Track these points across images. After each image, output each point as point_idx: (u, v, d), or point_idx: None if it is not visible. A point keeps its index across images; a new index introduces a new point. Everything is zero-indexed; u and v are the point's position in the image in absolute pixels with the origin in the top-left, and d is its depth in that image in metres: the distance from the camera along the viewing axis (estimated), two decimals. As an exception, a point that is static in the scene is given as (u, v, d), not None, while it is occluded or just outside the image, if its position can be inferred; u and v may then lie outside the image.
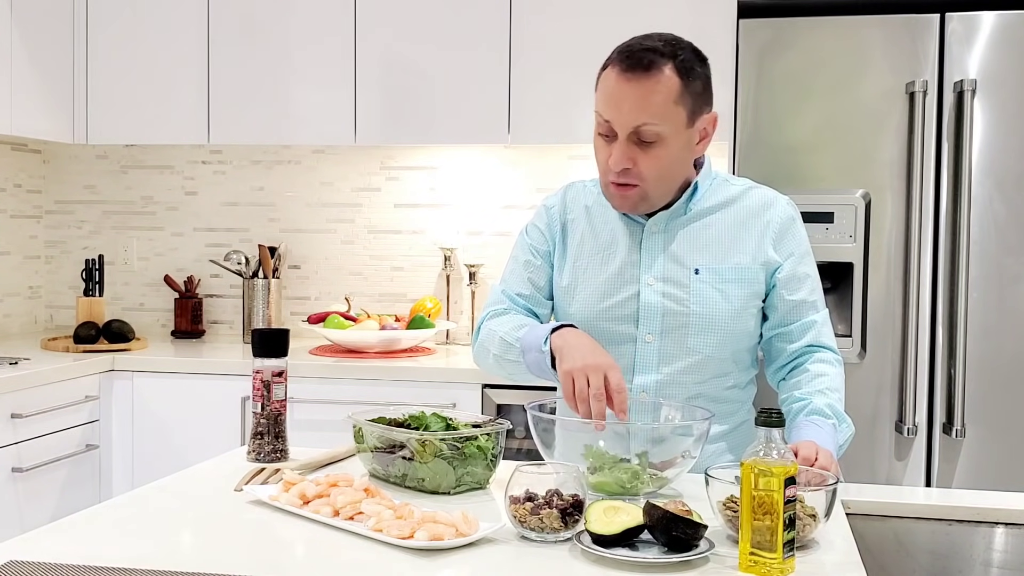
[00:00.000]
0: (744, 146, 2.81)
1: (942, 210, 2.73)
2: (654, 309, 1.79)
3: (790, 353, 1.84)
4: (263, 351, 1.80)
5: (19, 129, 3.24)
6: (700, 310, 1.78)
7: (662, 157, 1.73)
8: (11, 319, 3.72)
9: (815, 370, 1.80)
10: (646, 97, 1.69)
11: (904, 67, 2.73)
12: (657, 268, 1.80)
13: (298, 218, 3.75)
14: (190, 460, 1.91)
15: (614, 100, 1.71)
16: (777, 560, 1.24)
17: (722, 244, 1.81)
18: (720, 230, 1.82)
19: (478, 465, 1.62)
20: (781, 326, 1.84)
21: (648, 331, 1.80)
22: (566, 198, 1.93)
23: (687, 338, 1.79)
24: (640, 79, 1.69)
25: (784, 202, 1.87)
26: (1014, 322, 2.71)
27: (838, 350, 1.86)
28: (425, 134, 3.32)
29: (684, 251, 1.81)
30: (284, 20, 3.37)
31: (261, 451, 1.79)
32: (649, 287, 1.80)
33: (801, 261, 1.84)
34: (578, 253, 1.87)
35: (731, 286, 1.79)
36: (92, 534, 1.41)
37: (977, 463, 2.72)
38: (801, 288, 1.83)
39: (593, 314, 1.82)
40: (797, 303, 1.82)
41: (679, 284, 1.79)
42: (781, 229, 1.83)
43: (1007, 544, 1.61)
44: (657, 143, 1.71)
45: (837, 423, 1.74)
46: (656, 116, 1.69)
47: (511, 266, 1.95)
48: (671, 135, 1.71)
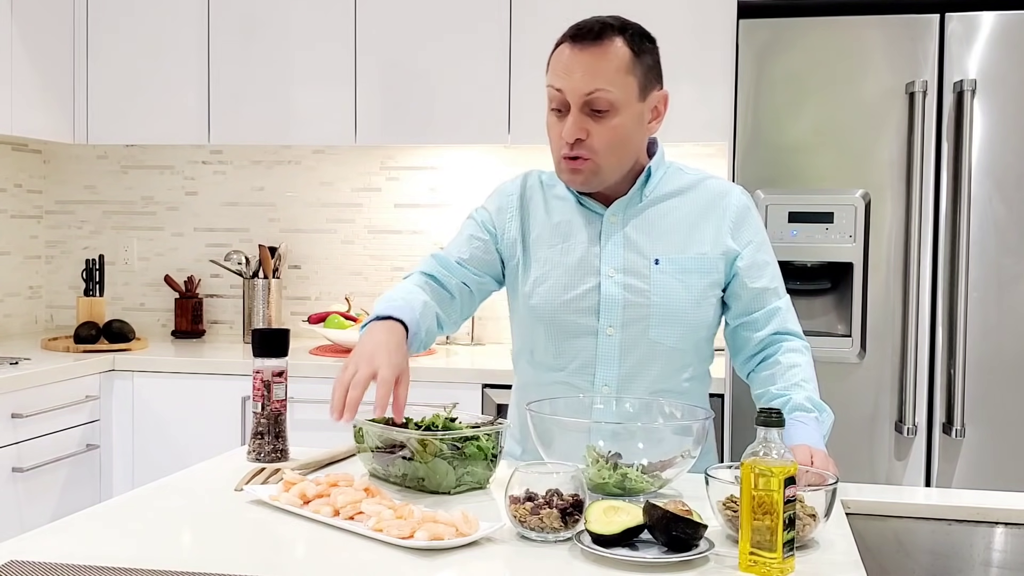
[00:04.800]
0: (744, 146, 2.81)
1: (942, 210, 2.73)
2: (615, 301, 1.79)
3: (757, 342, 1.84)
4: (263, 351, 1.80)
5: (19, 129, 3.24)
6: (661, 301, 1.78)
7: (616, 127, 1.73)
8: (11, 319, 3.72)
9: (787, 361, 1.80)
10: (597, 63, 1.71)
11: (904, 67, 2.73)
12: (617, 259, 1.80)
13: (298, 218, 3.75)
14: (190, 460, 1.91)
15: (566, 69, 1.73)
16: (777, 560, 1.24)
17: (680, 233, 1.81)
18: (677, 218, 1.82)
19: (478, 465, 1.62)
20: (745, 315, 1.84)
21: (609, 323, 1.79)
22: (525, 185, 1.91)
23: (648, 330, 1.79)
24: (591, 47, 1.72)
25: (739, 191, 1.87)
26: (1014, 322, 2.71)
27: (803, 335, 1.86)
28: (425, 134, 3.33)
29: (643, 240, 1.80)
30: (284, 20, 3.37)
31: (261, 451, 1.79)
32: (610, 278, 1.79)
33: (760, 248, 1.84)
34: (537, 244, 1.86)
35: (691, 276, 1.80)
36: (92, 534, 1.41)
37: (977, 463, 2.72)
38: (763, 275, 1.83)
39: (555, 307, 1.82)
40: (760, 291, 1.83)
41: (639, 275, 1.79)
42: (738, 218, 1.83)
43: (1007, 544, 1.61)
44: (610, 112, 1.72)
45: (819, 414, 1.74)
46: (608, 82, 1.71)
47: (457, 237, 1.92)
48: (623, 105, 1.72)
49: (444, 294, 1.86)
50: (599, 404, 1.76)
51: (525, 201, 1.89)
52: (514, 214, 1.88)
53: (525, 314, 1.86)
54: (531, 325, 1.86)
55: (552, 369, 1.85)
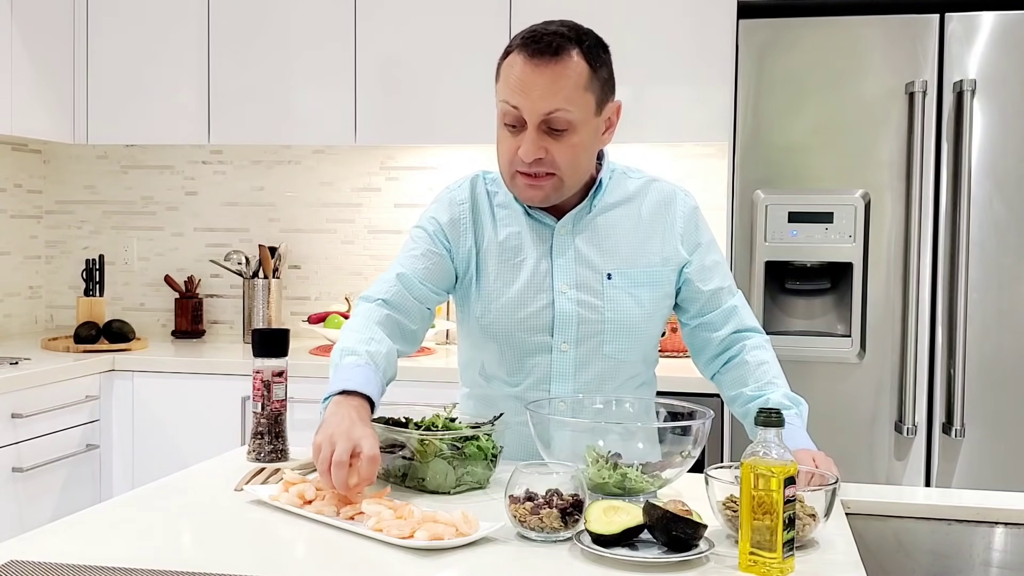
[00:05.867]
0: (744, 146, 2.81)
1: (942, 210, 2.73)
2: (569, 318, 1.78)
3: (718, 342, 1.84)
4: (263, 351, 1.80)
5: (19, 129, 3.24)
6: (614, 316, 1.78)
7: (575, 145, 1.69)
8: (11, 319, 3.72)
9: (754, 359, 1.80)
10: (555, 82, 1.65)
11: (904, 67, 2.73)
12: (570, 274, 1.78)
13: (298, 218, 3.75)
14: (190, 460, 1.91)
15: (523, 87, 1.65)
16: (777, 560, 1.24)
17: (630, 245, 1.80)
18: (627, 229, 1.80)
19: (478, 465, 1.62)
20: (701, 316, 1.84)
21: (564, 340, 1.78)
22: (475, 192, 1.84)
23: (603, 345, 1.79)
24: (549, 64, 1.64)
25: (683, 195, 1.85)
26: (1014, 322, 2.71)
27: (761, 329, 1.87)
28: (425, 134, 3.33)
29: (594, 254, 1.79)
30: (284, 20, 3.37)
31: (261, 451, 1.79)
32: (563, 295, 1.77)
33: (709, 250, 1.84)
34: (486, 257, 1.81)
35: (643, 290, 1.79)
36: (92, 534, 1.41)
37: (977, 463, 2.72)
38: (714, 276, 1.83)
39: (509, 325, 1.79)
40: (713, 291, 1.83)
41: (592, 291, 1.78)
42: (686, 224, 1.83)
43: (1007, 544, 1.61)
44: (568, 131, 1.68)
45: (797, 409, 1.75)
46: (567, 102, 1.65)
47: (411, 251, 1.83)
48: (581, 123, 1.68)
49: (406, 325, 1.80)
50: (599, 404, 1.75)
51: (476, 212, 1.83)
52: (467, 227, 1.82)
53: (477, 330, 1.83)
54: (483, 341, 1.83)
55: (507, 384, 1.84)
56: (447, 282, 1.84)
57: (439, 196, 1.89)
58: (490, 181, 1.86)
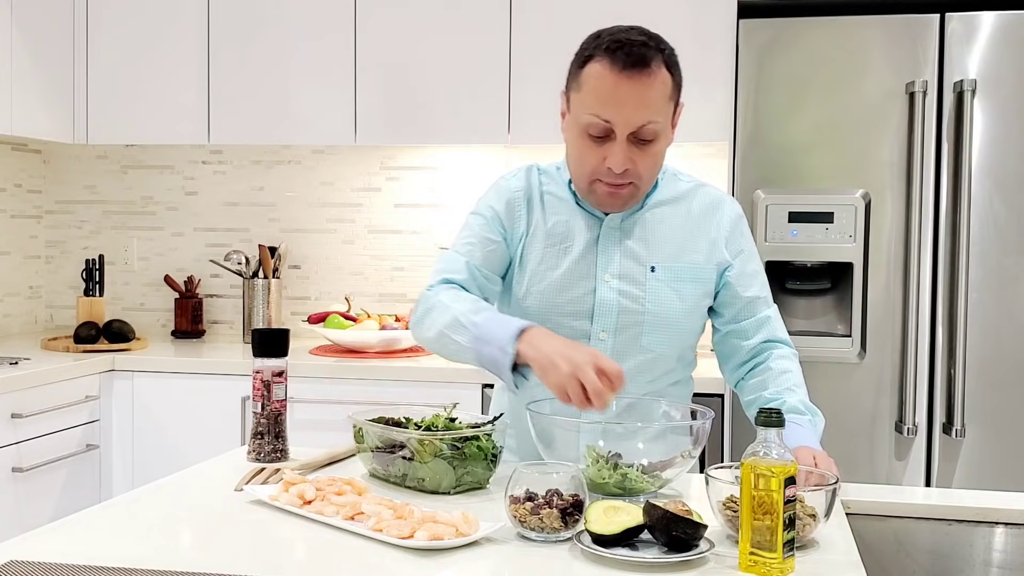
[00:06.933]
0: (744, 146, 2.81)
1: (942, 210, 2.73)
2: (610, 307, 1.78)
3: (747, 350, 1.84)
4: (263, 351, 1.80)
5: (19, 129, 3.24)
6: (655, 309, 1.78)
7: (657, 154, 1.72)
8: (11, 319, 3.72)
9: (778, 367, 1.80)
10: (647, 95, 1.66)
11: (904, 67, 2.73)
12: (614, 265, 1.79)
13: (298, 218, 3.75)
14: (190, 460, 1.91)
15: (615, 100, 1.66)
16: (777, 560, 1.24)
17: (676, 242, 1.81)
18: (673, 227, 1.82)
19: (478, 465, 1.62)
20: (735, 323, 1.84)
21: (602, 328, 1.79)
22: (529, 180, 1.86)
23: (640, 336, 1.79)
24: (640, 77, 1.65)
25: (731, 201, 1.88)
26: (1014, 322, 2.71)
27: (791, 343, 1.87)
28: (425, 134, 3.33)
29: (640, 247, 1.80)
30: (284, 20, 3.37)
31: (261, 451, 1.79)
32: (606, 284, 1.79)
33: (751, 258, 1.86)
34: (534, 242, 1.82)
35: (685, 285, 1.80)
36: (92, 534, 1.41)
37: (977, 463, 2.72)
38: (753, 284, 1.84)
39: (548, 308, 1.80)
40: (751, 299, 1.83)
41: (635, 282, 1.79)
42: (731, 228, 1.84)
43: (1007, 544, 1.61)
44: (654, 141, 1.70)
45: (812, 417, 1.74)
46: (656, 113, 1.67)
47: (468, 239, 1.83)
48: (663, 131, 1.70)
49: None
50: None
51: (529, 199, 1.85)
52: (521, 213, 1.84)
53: (517, 313, 1.84)
54: None
55: None
56: (502, 270, 1.85)
57: (495, 184, 1.90)
58: (543, 172, 1.87)
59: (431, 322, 1.74)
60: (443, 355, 1.78)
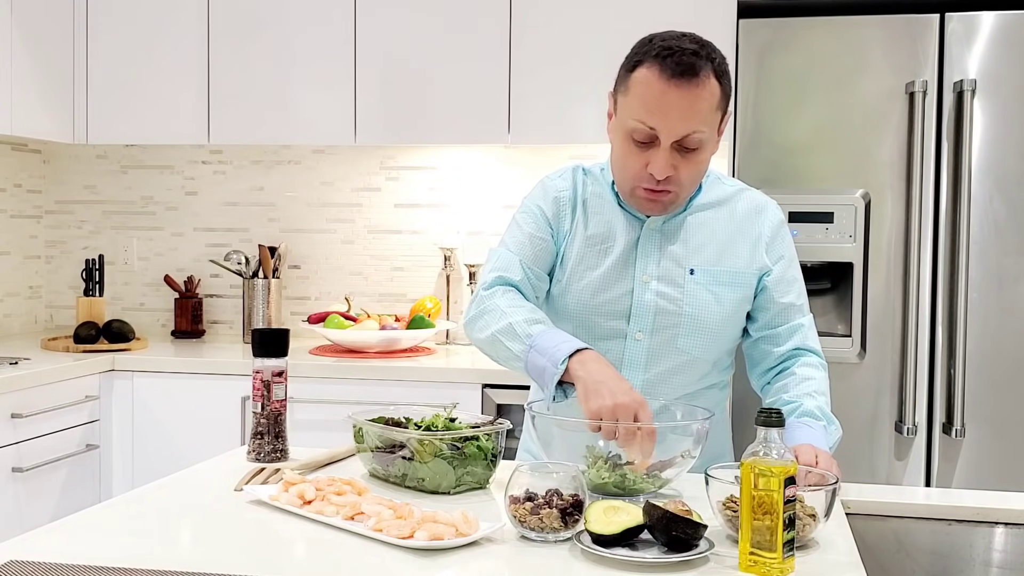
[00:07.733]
0: (744, 146, 2.81)
1: (942, 210, 2.73)
2: (647, 307, 1.78)
3: (777, 356, 1.83)
4: (263, 351, 1.79)
5: (19, 129, 3.24)
6: (692, 311, 1.78)
7: (701, 162, 1.72)
8: (11, 319, 3.72)
9: (802, 373, 1.79)
10: (694, 104, 1.64)
11: (904, 67, 2.73)
12: (653, 266, 1.79)
13: (298, 218, 3.75)
14: (190, 460, 1.91)
15: (662, 108, 1.64)
16: (777, 560, 1.24)
17: (717, 245, 1.81)
18: (715, 230, 1.82)
19: (478, 465, 1.62)
20: (768, 328, 1.84)
21: (639, 329, 1.79)
22: (574, 180, 1.87)
23: (677, 338, 1.79)
24: (689, 86, 1.63)
25: (774, 206, 1.87)
26: (1014, 322, 2.71)
27: (823, 354, 1.85)
28: (425, 134, 3.32)
29: (680, 250, 1.80)
30: (284, 20, 3.37)
31: (261, 451, 1.79)
32: (644, 285, 1.79)
33: (790, 264, 1.85)
34: (575, 240, 1.83)
35: (724, 289, 1.79)
36: (92, 534, 1.41)
37: (977, 463, 2.72)
38: (790, 291, 1.83)
39: (586, 307, 1.80)
40: (786, 306, 1.82)
41: (674, 284, 1.79)
42: (773, 234, 1.84)
43: (1007, 544, 1.61)
44: (698, 149, 1.69)
45: (827, 425, 1.73)
46: (703, 123, 1.66)
47: (518, 237, 1.84)
48: (709, 140, 1.70)
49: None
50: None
51: (574, 201, 1.85)
52: (567, 213, 1.84)
53: (554, 310, 1.85)
54: (558, 322, 1.83)
55: None
56: (551, 267, 1.85)
57: (540, 183, 1.90)
58: (587, 173, 1.87)
59: (484, 324, 1.77)
60: (491, 356, 1.80)
